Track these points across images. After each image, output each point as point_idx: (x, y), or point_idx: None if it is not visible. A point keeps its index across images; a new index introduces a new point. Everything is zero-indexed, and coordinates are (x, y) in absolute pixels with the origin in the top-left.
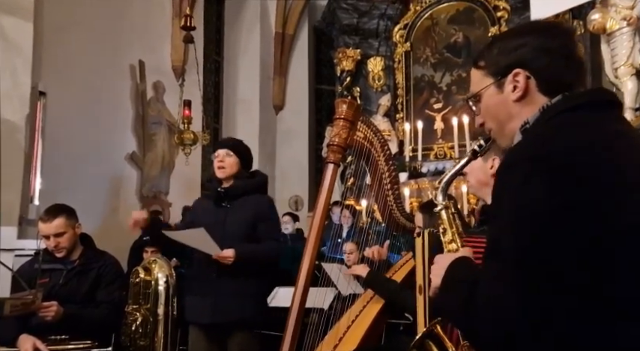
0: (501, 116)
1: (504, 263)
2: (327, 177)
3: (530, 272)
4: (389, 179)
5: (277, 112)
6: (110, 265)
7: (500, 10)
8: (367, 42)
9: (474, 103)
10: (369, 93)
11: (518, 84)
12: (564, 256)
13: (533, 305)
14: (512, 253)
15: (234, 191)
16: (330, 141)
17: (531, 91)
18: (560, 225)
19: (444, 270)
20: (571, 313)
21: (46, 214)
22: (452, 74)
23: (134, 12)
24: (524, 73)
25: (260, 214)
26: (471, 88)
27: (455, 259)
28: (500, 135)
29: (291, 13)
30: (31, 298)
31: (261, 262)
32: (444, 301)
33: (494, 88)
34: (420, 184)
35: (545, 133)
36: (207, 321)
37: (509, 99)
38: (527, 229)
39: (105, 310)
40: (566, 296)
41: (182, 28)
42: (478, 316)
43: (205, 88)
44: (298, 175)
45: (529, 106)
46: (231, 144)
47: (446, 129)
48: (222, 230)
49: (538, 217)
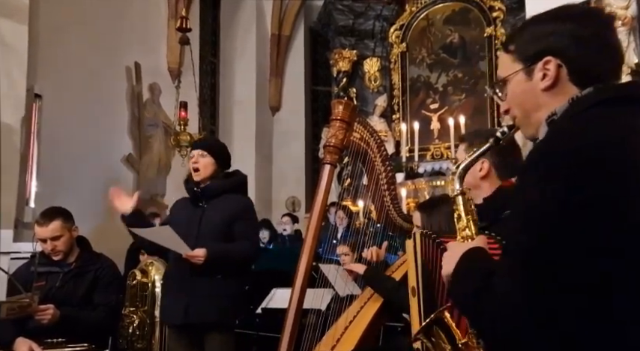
0: (528, 105)
1: (514, 259)
2: (324, 178)
3: (537, 271)
4: (385, 180)
5: (274, 114)
6: (107, 267)
7: (495, 10)
8: (363, 43)
9: (501, 89)
10: (365, 94)
11: (548, 72)
12: (574, 255)
13: (539, 304)
14: (521, 250)
15: (210, 191)
16: (327, 142)
17: (562, 81)
18: (571, 223)
19: (456, 258)
20: (580, 313)
21: (43, 218)
22: (448, 75)
23: (130, 14)
24: (556, 61)
25: (236, 213)
26: (499, 72)
27: (469, 249)
28: (525, 124)
29: (287, 15)
30: (27, 301)
31: (234, 261)
32: (455, 290)
33: (522, 74)
34: (417, 184)
35: (574, 127)
36: (179, 322)
37: (538, 87)
38: (536, 226)
39: (102, 313)
40: (574, 295)
41: (178, 29)
42: (487, 309)
43: (201, 89)
44: (295, 176)
45: (558, 96)
46: (205, 144)
47: (442, 129)
48: (197, 230)
49: (549, 215)
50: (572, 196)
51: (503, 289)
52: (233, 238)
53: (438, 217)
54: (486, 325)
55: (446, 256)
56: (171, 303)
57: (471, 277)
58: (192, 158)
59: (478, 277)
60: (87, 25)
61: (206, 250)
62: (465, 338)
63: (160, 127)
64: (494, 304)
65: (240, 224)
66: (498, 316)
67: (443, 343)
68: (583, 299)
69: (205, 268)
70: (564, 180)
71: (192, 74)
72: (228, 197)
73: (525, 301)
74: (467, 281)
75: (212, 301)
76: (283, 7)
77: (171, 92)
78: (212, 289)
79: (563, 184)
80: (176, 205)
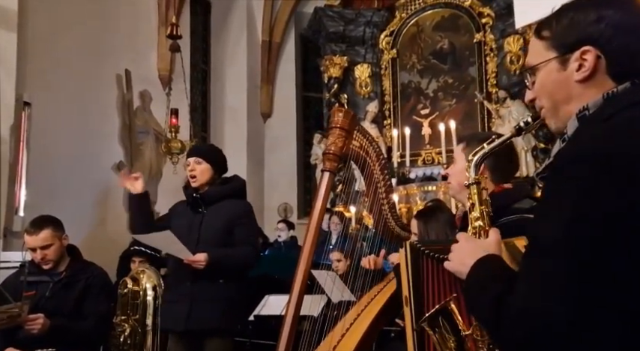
0: (558, 96)
1: (554, 267)
2: (323, 185)
3: (584, 284)
4: (384, 188)
5: (265, 120)
6: (97, 276)
7: (484, 16)
8: (354, 49)
9: (529, 76)
10: (356, 100)
11: (585, 63)
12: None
13: (584, 318)
14: (566, 261)
15: (209, 197)
16: (326, 149)
17: (599, 73)
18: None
19: (469, 257)
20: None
21: (32, 226)
22: (438, 80)
23: (120, 21)
24: (595, 51)
25: (235, 218)
26: (528, 59)
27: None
28: (553, 116)
29: (278, 21)
30: (17, 311)
31: (235, 267)
32: (471, 297)
33: (556, 63)
34: (409, 189)
35: (612, 129)
36: (181, 328)
37: (572, 78)
38: (586, 236)
39: (92, 322)
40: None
41: (168, 36)
42: (511, 318)
43: (192, 96)
44: (287, 183)
45: (592, 89)
46: (200, 151)
47: (433, 135)
48: (198, 235)
49: (600, 222)
50: (613, 204)
51: (537, 300)
52: (233, 243)
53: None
54: (511, 331)
55: (455, 248)
56: (173, 310)
57: (491, 282)
58: (188, 166)
59: (500, 283)
60: (76, 32)
61: (207, 255)
62: (470, 330)
63: (151, 134)
64: (523, 314)
65: (240, 229)
66: (527, 325)
67: (447, 333)
68: (625, 316)
69: (206, 273)
70: (605, 187)
71: (183, 81)
72: (227, 202)
73: (570, 314)
74: (487, 287)
75: (214, 307)
76: (274, 14)
77: (162, 99)
78: (214, 294)
79: (606, 190)
80: (176, 209)
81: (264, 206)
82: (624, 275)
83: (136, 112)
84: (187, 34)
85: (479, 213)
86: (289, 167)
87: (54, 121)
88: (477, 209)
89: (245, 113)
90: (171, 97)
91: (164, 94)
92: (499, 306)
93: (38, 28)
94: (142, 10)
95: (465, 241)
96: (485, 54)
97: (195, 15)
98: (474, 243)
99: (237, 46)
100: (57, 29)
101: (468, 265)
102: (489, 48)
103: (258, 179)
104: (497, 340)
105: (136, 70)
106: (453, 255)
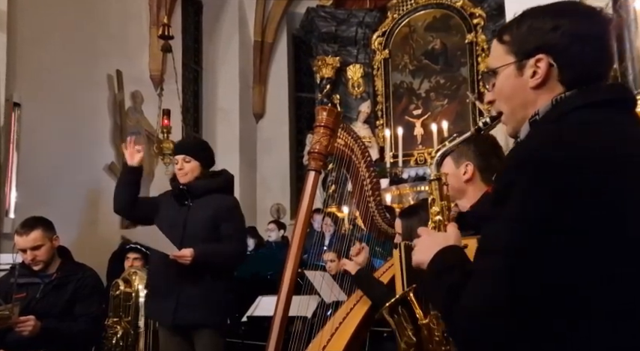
0: (515, 101)
1: (494, 265)
2: (309, 184)
3: (520, 282)
4: (370, 185)
5: (257, 121)
6: (88, 277)
7: (476, 17)
8: (346, 49)
9: (489, 79)
10: (348, 100)
11: (538, 70)
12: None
13: (519, 308)
14: (506, 255)
15: (196, 189)
16: (311, 148)
17: (551, 80)
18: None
19: (429, 246)
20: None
21: (23, 227)
22: (430, 80)
23: (111, 21)
24: (548, 59)
25: (222, 213)
26: (490, 61)
27: (448, 246)
28: (510, 120)
29: (270, 22)
30: (7, 313)
31: (222, 261)
32: (430, 283)
33: (513, 68)
34: (401, 189)
35: (560, 133)
36: (168, 324)
37: (527, 85)
38: (524, 236)
39: (83, 324)
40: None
41: (160, 37)
42: (462, 307)
43: (184, 97)
44: (280, 183)
45: (545, 96)
46: (187, 148)
47: (425, 135)
48: (183, 229)
49: (537, 223)
50: (550, 210)
51: (483, 290)
52: (220, 238)
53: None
54: (459, 323)
55: (419, 242)
56: (160, 305)
57: (447, 272)
58: (176, 164)
59: (455, 274)
60: (67, 32)
61: (193, 250)
62: (427, 319)
63: (143, 135)
64: (471, 302)
65: (226, 224)
66: (474, 315)
67: (405, 321)
68: (562, 308)
69: (193, 268)
70: (551, 191)
71: (175, 82)
72: (213, 197)
73: (507, 304)
74: (443, 276)
75: (200, 302)
76: (266, 14)
77: (154, 100)
78: (200, 289)
79: (549, 195)
80: (163, 199)
81: (256, 207)
82: (561, 276)
83: (128, 112)
84: (179, 34)
85: (439, 208)
86: (282, 168)
87: (44, 122)
88: (438, 204)
89: (237, 114)
90: (163, 97)
91: (156, 95)
92: (451, 296)
93: (28, 28)
94: (134, 10)
95: (427, 235)
96: (477, 54)
97: (187, 15)
98: (435, 236)
99: (229, 47)
100: (47, 30)
101: (429, 257)
102: (481, 48)
103: (250, 180)
104: (448, 327)
105: (128, 70)
106: (417, 248)
